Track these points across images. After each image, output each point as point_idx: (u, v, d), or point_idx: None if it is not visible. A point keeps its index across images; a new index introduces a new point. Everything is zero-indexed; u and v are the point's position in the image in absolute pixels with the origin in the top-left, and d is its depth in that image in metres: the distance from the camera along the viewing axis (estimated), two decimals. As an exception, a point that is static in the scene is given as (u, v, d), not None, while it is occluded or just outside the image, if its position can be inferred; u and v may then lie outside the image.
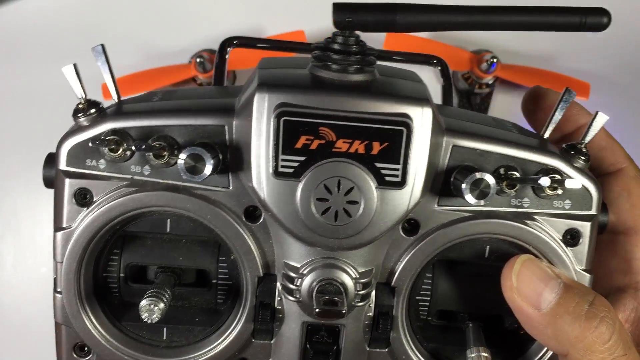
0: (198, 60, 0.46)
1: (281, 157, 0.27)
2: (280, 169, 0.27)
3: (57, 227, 0.30)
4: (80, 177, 0.29)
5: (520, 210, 0.29)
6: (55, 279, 0.30)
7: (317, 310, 0.28)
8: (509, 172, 0.29)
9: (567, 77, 0.50)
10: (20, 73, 0.52)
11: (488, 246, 0.31)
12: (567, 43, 0.52)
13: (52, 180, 0.30)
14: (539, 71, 0.49)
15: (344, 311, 0.28)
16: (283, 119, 0.26)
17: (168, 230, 0.30)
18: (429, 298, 0.32)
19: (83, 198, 0.29)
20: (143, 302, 0.28)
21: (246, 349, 0.31)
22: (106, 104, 0.49)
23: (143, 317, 0.28)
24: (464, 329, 0.32)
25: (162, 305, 0.28)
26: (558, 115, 0.30)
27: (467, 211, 0.29)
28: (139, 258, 0.31)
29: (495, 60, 0.46)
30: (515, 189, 0.28)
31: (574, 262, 0.30)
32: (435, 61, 0.40)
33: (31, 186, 0.51)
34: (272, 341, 0.31)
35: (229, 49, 0.38)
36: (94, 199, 0.29)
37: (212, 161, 0.27)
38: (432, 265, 0.32)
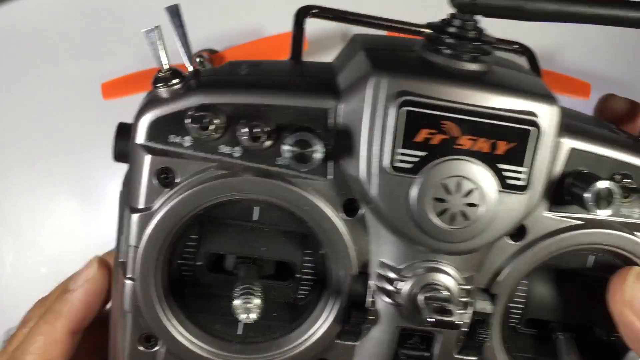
0: (198, 60, 0.46)
1: (400, 150, 0.24)
2: (397, 164, 0.24)
3: (133, 208, 0.26)
4: (163, 155, 0.26)
5: (629, 220, 0.28)
6: (124, 263, 0.27)
7: (429, 319, 0.25)
8: (625, 180, 0.27)
9: (568, 77, 0.50)
10: (21, 73, 0.52)
11: (593, 256, 0.29)
12: (567, 42, 0.52)
13: (125, 154, 0.27)
14: (539, 71, 0.49)
15: (458, 322, 0.25)
16: (406, 109, 0.24)
17: (255, 218, 0.28)
18: (523, 306, 0.30)
19: (165, 178, 0.26)
20: (237, 302, 0.25)
21: (328, 350, 0.29)
22: (106, 104, 0.49)
23: (241, 317, 0.25)
24: (553, 339, 0.30)
25: (257, 301, 0.25)
26: None
27: (578, 219, 0.27)
28: (219, 246, 0.28)
29: (495, 60, 0.46)
30: (629, 199, 0.27)
31: None
32: (521, 49, 0.36)
33: (31, 186, 0.51)
34: (357, 343, 0.29)
35: (305, 19, 0.35)
36: (176, 180, 0.26)
37: (322, 149, 0.24)
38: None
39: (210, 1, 0.52)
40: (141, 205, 0.26)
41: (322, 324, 0.28)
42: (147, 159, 0.26)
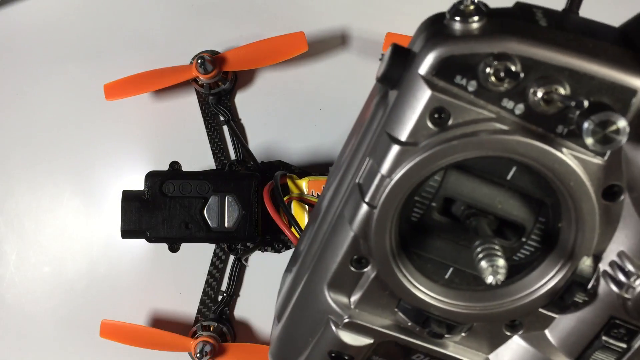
0: (199, 61, 0.46)
1: None
2: None
3: (394, 138, 0.24)
4: (442, 93, 0.24)
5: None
6: (361, 185, 0.26)
7: None
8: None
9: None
10: (23, 74, 0.52)
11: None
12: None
13: (394, 79, 0.25)
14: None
15: None
16: None
17: (508, 177, 0.26)
18: None
19: (438, 117, 0.24)
20: (483, 264, 0.24)
21: (526, 315, 0.28)
22: (106, 104, 0.49)
23: (488, 279, 0.24)
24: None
25: (501, 261, 0.24)
26: None
27: None
28: (461, 194, 0.26)
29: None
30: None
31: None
32: None
33: (34, 186, 0.51)
34: (557, 316, 0.28)
35: None
36: (449, 123, 0.24)
37: (626, 135, 0.21)
38: None
39: (210, 2, 0.52)
40: (404, 137, 0.24)
41: (533, 290, 0.27)
42: (427, 94, 0.24)
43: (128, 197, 0.43)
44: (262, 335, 0.51)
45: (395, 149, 0.24)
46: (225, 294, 0.50)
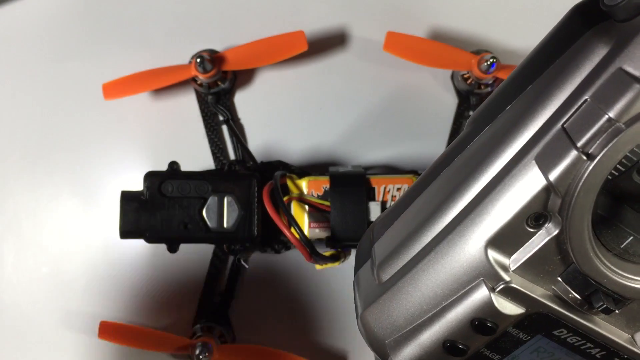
0: (198, 60, 0.46)
1: None
2: None
3: (638, 79, 0.22)
4: None
5: None
6: (567, 132, 0.23)
7: None
8: None
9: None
10: (22, 73, 0.52)
11: None
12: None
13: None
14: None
15: None
16: None
17: None
18: None
19: None
20: None
21: None
22: (107, 104, 0.49)
23: None
24: None
25: None
26: None
27: None
28: None
29: (494, 60, 0.46)
30: None
31: None
32: None
33: (32, 186, 0.51)
34: None
35: None
36: None
37: None
38: None
39: (210, 0, 0.52)
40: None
41: None
42: None
43: (127, 198, 0.43)
44: (261, 336, 0.50)
45: (636, 88, 0.21)
46: (224, 295, 0.50)
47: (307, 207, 0.45)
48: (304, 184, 0.45)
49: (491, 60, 0.46)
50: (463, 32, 0.51)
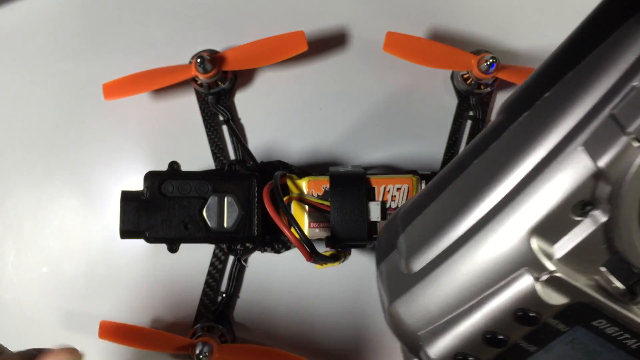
0: (198, 60, 0.46)
1: None
2: None
3: None
4: None
5: None
6: (616, 118, 0.23)
7: None
8: None
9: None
10: (22, 73, 0.52)
11: None
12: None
13: None
14: (539, 71, 0.49)
15: None
16: None
17: None
18: None
19: None
20: None
21: None
22: (107, 104, 0.49)
23: None
24: None
25: None
26: None
27: None
28: None
29: (494, 60, 0.46)
30: None
31: None
32: None
33: (32, 186, 0.51)
34: None
35: None
36: None
37: None
38: None
39: (210, 0, 0.52)
40: None
41: None
42: None
43: (127, 198, 0.43)
44: (262, 336, 0.50)
45: None
46: (224, 295, 0.50)
47: (307, 207, 0.45)
48: (304, 184, 0.45)
49: (491, 60, 0.46)
50: (463, 32, 0.51)
